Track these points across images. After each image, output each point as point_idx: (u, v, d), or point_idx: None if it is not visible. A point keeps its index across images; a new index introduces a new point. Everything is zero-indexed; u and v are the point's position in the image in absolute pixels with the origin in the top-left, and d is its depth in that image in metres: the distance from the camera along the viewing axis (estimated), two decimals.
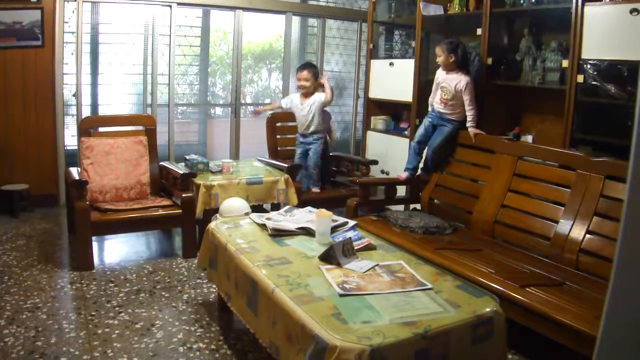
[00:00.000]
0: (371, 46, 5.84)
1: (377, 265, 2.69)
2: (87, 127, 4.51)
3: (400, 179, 4.36)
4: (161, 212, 4.19)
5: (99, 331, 3.03)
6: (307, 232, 3.13)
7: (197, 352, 2.87)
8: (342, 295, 2.31)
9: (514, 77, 4.29)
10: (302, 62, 6.84)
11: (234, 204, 4.08)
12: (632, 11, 3.26)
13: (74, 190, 3.95)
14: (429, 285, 2.45)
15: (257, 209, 4.41)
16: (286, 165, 4.80)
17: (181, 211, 4.20)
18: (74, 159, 5.33)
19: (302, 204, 4.22)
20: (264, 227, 3.19)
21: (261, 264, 2.64)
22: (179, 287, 3.70)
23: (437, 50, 4.13)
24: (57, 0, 5.07)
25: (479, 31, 4.37)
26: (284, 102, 5.25)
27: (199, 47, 6.41)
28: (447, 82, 4.14)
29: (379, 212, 4.15)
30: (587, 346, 2.36)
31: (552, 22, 4.03)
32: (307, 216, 3.38)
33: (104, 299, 3.46)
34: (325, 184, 5.22)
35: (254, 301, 2.53)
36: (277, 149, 5.40)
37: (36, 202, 5.26)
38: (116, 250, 4.46)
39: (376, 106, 5.94)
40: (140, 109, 5.82)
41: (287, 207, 3.64)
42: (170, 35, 5.65)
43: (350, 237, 2.92)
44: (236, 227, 3.24)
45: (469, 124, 4.10)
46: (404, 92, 5.30)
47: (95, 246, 4.15)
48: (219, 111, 6.97)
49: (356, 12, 6.82)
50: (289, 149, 5.40)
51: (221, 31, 6.80)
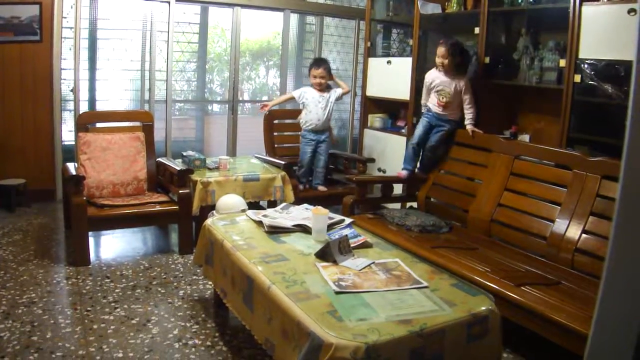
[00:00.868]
0: (369, 44, 5.84)
1: (373, 263, 2.69)
2: (84, 123, 4.50)
3: (400, 177, 4.35)
4: (158, 208, 4.19)
5: (95, 326, 3.03)
6: (304, 229, 3.13)
7: (193, 349, 2.88)
8: (338, 292, 2.31)
9: (511, 76, 4.29)
10: (300, 59, 6.87)
11: (231, 201, 4.08)
12: (630, 11, 3.26)
13: (71, 185, 3.96)
14: (425, 283, 2.46)
15: (253, 206, 4.41)
16: (283, 162, 4.80)
17: (178, 207, 4.20)
18: (71, 154, 5.33)
19: (298, 202, 4.23)
20: (260, 224, 3.19)
21: (257, 260, 2.64)
22: (175, 283, 3.71)
23: (442, 51, 4.04)
24: None
25: (477, 30, 4.37)
26: (297, 94, 5.14)
27: (197, 44, 6.40)
28: (445, 84, 4.12)
29: (376, 210, 4.14)
30: (582, 345, 2.36)
31: (550, 21, 4.02)
32: (303, 213, 3.38)
33: (99, 294, 3.46)
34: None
35: (250, 298, 2.53)
36: (275, 146, 5.39)
37: (33, 197, 5.26)
38: (112, 245, 4.46)
39: (373, 104, 5.94)
40: (137, 105, 5.82)
41: (283, 205, 3.64)
42: (168, 31, 5.65)
43: (346, 235, 2.92)
44: (233, 223, 3.25)
45: (468, 122, 4.13)
46: (402, 91, 5.30)
47: (91, 241, 4.14)
48: (216, 108, 6.96)
49: (354, 10, 6.82)
50: (286, 146, 5.41)
51: (219, 28, 6.79)
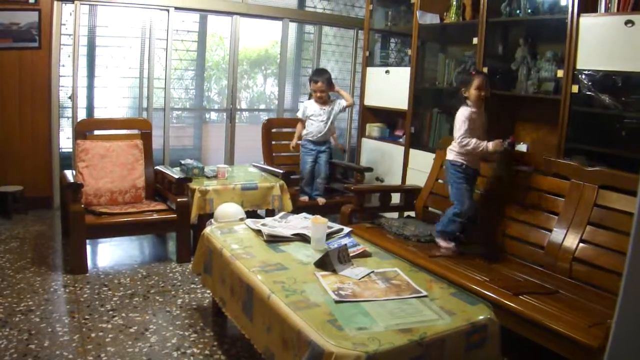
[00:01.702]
0: (367, 54, 5.86)
1: (373, 272, 2.70)
2: (83, 130, 4.51)
3: (452, 248, 3.48)
4: (156, 216, 4.19)
5: (93, 335, 3.02)
6: (303, 238, 3.14)
7: (191, 357, 2.87)
8: (337, 301, 2.31)
9: (509, 86, 4.31)
10: (298, 68, 6.89)
11: (229, 210, 4.09)
12: (627, 23, 3.29)
13: (69, 193, 3.95)
14: (424, 292, 2.46)
15: (251, 214, 4.41)
16: (281, 171, 4.80)
17: (176, 216, 4.20)
18: (68, 161, 5.31)
19: (296, 211, 4.23)
20: (259, 232, 3.19)
21: (257, 269, 2.64)
22: (173, 292, 3.70)
23: (483, 82, 3.48)
24: (55, 2, 5.08)
25: (475, 40, 4.40)
26: (300, 114, 5.04)
27: (195, 52, 6.41)
28: (484, 119, 3.61)
29: (373, 220, 4.15)
30: (580, 354, 2.38)
31: (548, 32, 4.05)
32: (302, 222, 3.38)
33: (97, 302, 3.45)
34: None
35: (249, 307, 2.53)
36: (273, 154, 5.40)
37: (30, 204, 5.25)
38: (110, 254, 4.45)
39: (371, 113, 5.96)
40: (136, 112, 5.82)
41: (282, 214, 3.65)
42: (167, 39, 5.66)
43: (345, 244, 2.92)
44: (231, 232, 3.25)
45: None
46: (400, 100, 5.31)
47: (89, 249, 4.13)
48: (213, 116, 6.97)
49: (353, 20, 6.85)
50: (284, 155, 5.41)
51: (217, 36, 6.82)
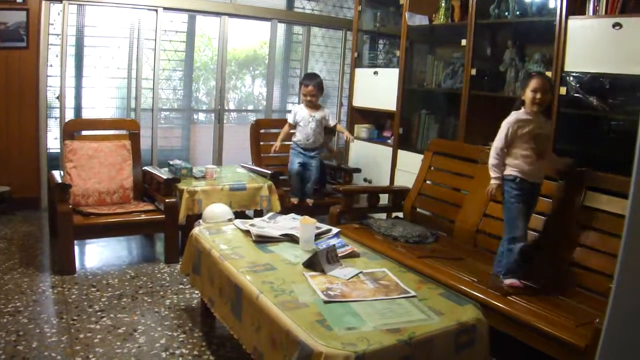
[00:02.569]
0: (356, 55, 5.87)
1: (361, 272, 2.71)
2: (71, 130, 4.48)
3: (514, 286, 2.92)
4: (144, 217, 4.18)
5: (81, 336, 3.01)
6: (291, 239, 3.14)
7: (180, 358, 2.86)
8: (326, 302, 2.32)
9: (497, 87, 4.34)
10: (287, 69, 6.88)
11: (217, 210, 4.08)
12: (615, 25, 3.33)
13: (57, 193, 3.93)
14: (413, 292, 2.47)
15: (239, 215, 4.41)
16: (269, 172, 4.80)
17: (164, 216, 4.19)
18: (56, 162, 5.29)
19: (284, 211, 4.23)
20: (247, 233, 3.20)
21: (245, 270, 2.64)
22: (162, 293, 3.69)
23: (541, 84, 2.93)
24: (43, 1, 5.04)
25: (464, 42, 4.43)
26: (291, 118, 4.97)
27: (184, 52, 6.39)
28: (543, 128, 3.04)
29: (362, 220, 4.15)
30: (568, 354, 2.40)
31: (536, 34, 4.08)
32: (290, 223, 3.39)
33: (85, 303, 3.43)
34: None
35: (238, 307, 2.53)
36: (261, 155, 5.39)
37: (17, 204, 5.20)
38: (98, 254, 4.43)
39: (360, 114, 5.96)
40: (124, 113, 5.80)
41: (270, 214, 3.65)
42: (155, 39, 5.63)
43: (334, 245, 2.93)
44: (220, 233, 3.25)
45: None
46: (388, 101, 5.33)
47: (77, 250, 4.10)
48: (202, 117, 6.95)
49: (341, 21, 6.86)
50: (272, 155, 5.39)
51: (206, 37, 6.79)
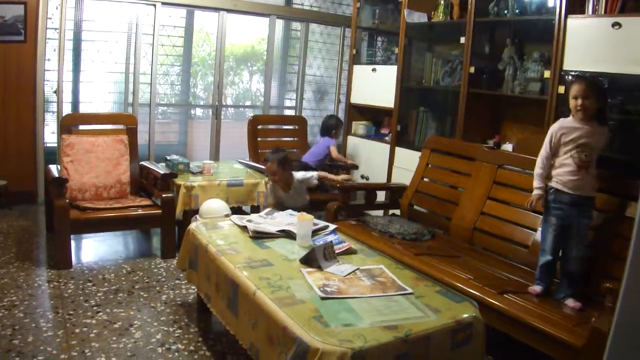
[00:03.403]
0: (354, 51, 5.87)
1: (358, 269, 2.71)
2: (68, 125, 4.46)
3: (533, 293, 2.89)
4: (141, 211, 4.17)
5: (77, 330, 3.00)
6: (288, 235, 3.14)
7: (176, 353, 2.86)
8: (323, 298, 2.32)
9: (495, 86, 4.34)
10: (285, 65, 6.89)
11: (214, 205, 4.08)
12: (614, 25, 3.32)
13: (54, 187, 3.93)
14: (410, 289, 2.48)
15: (236, 210, 4.41)
16: None
17: (161, 211, 4.18)
18: (53, 156, 5.27)
19: None
20: (244, 229, 3.19)
21: (242, 265, 2.64)
22: (158, 288, 3.69)
23: (581, 89, 2.81)
24: None
25: (463, 40, 4.42)
26: (270, 200, 4.43)
27: (182, 48, 6.38)
28: (590, 136, 2.84)
29: (359, 217, 4.16)
30: (564, 353, 2.40)
31: (535, 32, 4.07)
32: (287, 219, 3.39)
33: (82, 298, 3.43)
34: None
35: (235, 303, 2.53)
36: (258, 151, 5.39)
37: (14, 199, 5.19)
38: (94, 249, 4.42)
39: (357, 111, 5.96)
40: (121, 107, 5.79)
41: (267, 210, 3.65)
42: (153, 34, 5.62)
43: (331, 241, 2.93)
44: (217, 228, 3.24)
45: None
46: (386, 98, 5.33)
47: (73, 245, 4.09)
48: (199, 112, 6.94)
49: (340, 17, 6.86)
50: (269, 151, 5.38)
51: (204, 32, 6.79)
